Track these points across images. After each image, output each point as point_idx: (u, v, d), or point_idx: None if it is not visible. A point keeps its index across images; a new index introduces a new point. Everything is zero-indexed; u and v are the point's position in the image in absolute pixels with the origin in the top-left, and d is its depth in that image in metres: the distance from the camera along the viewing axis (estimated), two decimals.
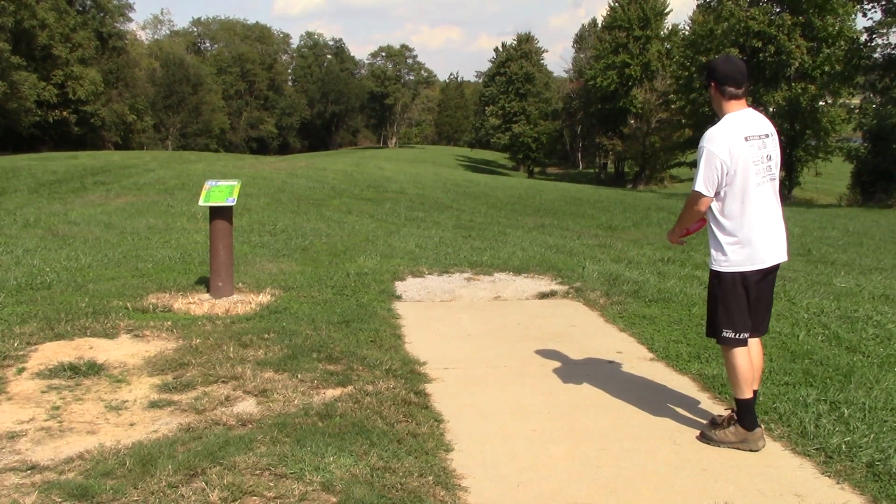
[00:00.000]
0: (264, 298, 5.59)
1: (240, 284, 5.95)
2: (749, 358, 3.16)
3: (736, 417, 3.20)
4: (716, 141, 2.97)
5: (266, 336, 4.56)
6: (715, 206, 3.07)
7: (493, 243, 8.84)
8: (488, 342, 4.82)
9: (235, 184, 5.70)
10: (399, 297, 5.92)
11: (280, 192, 13.76)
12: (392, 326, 4.98)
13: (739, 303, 3.10)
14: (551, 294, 6.18)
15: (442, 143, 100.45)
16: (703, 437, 3.30)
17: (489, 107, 63.07)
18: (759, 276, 3.11)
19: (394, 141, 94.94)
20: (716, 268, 3.14)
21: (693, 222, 3.17)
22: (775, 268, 3.19)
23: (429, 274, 6.84)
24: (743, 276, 3.07)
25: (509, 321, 5.34)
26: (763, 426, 3.41)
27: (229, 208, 5.59)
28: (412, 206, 13.00)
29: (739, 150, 2.96)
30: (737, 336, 3.13)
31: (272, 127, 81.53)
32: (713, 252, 3.15)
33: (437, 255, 7.75)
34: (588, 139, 55.72)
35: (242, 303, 5.44)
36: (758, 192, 3.04)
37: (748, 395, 3.16)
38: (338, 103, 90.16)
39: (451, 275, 6.84)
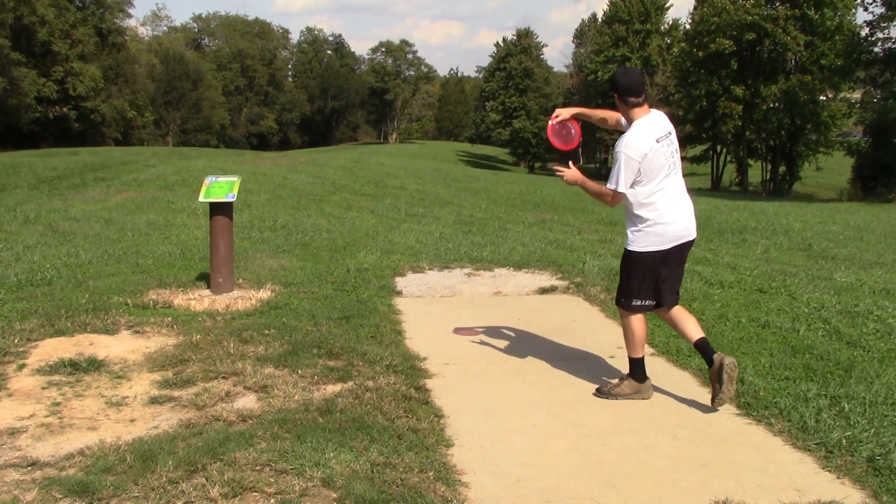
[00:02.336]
0: (265, 294, 5.59)
1: (240, 280, 5.95)
2: (644, 323, 3.69)
3: (630, 374, 3.71)
4: (633, 147, 3.39)
5: (266, 332, 4.56)
6: (632, 197, 3.45)
7: (493, 238, 8.83)
8: (488, 337, 4.81)
9: (235, 180, 5.69)
10: (399, 293, 5.92)
11: (280, 187, 13.75)
12: (392, 322, 4.98)
13: (649, 277, 3.55)
14: (551, 289, 6.18)
15: (442, 138, 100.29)
16: (600, 393, 3.75)
17: (489, 102, 63.00)
18: (668, 254, 3.54)
19: (394, 136, 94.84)
20: (631, 248, 3.55)
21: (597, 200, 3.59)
22: (687, 245, 3.61)
23: (429, 269, 6.83)
24: (652, 256, 3.51)
25: (510, 317, 5.33)
26: (765, 421, 3.41)
27: (229, 204, 5.59)
28: (412, 202, 12.99)
29: (654, 152, 3.40)
30: (643, 303, 3.61)
31: (272, 123, 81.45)
32: (630, 234, 3.55)
33: (437, 251, 7.74)
34: (588, 134, 55.61)
35: (243, 299, 5.44)
36: (667, 183, 3.46)
37: (640, 354, 3.69)
38: (338, 99, 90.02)
39: (451, 270, 6.84)
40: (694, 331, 3.63)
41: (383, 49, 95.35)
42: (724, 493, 2.80)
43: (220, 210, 5.54)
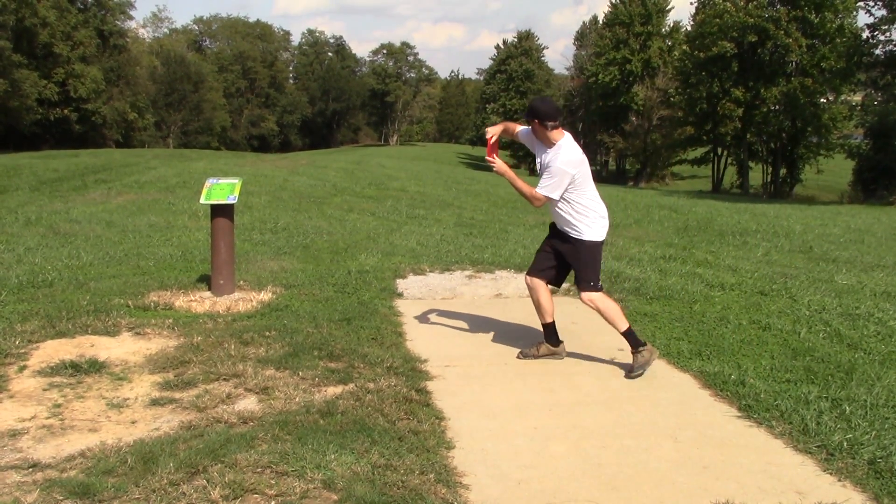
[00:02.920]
0: (265, 296, 5.59)
1: (241, 282, 5.96)
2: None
3: (632, 346, 4.15)
4: (571, 163, 4.02)
5: (267, 334, 4.56)
6: (574, 201, 4.11)
7: (494, 241, 8.83)
8: (489, 339, 4.81)
9: (237, 182, 5.70)
10: (400, 295, 5.92)
11: (281, 189, 13.76)
12: (393, 324, 4.98)
13: (600, 260, 4.26)
14: (552, 292, 6.17)
15: (443, 140, 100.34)
16: (523, 355, 4.42)
17: (490, 104, 63.04)
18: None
19: (395, 138, 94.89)
20: (588, 238, 4.16)
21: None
22: None
23: (430, 271, 6.84)
24: (600, 243, 4.22)
25: (511, 318, 5.33)
26: (766, 423, 3.42)
27: (230, 206, 5.59)
28: (413, 204, 13.00)
29: (584, 166, 4.08)
30: (600, 285, 4.26)
31: (273, 125, 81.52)
32: (581, 227, 4.15)
33: (438, 253, 7.74)
34: (589, 136, 55.56)
35: (244, 300, 5.45)
36: (593, 187, 4.20)
37: (628, 323, 4.20)
38: (339, 101, 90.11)
39: (452, 272, 6.84)
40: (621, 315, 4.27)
41: (384, 51, 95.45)
42: (724, 495, 2.80)
43: (221, 212, 5.55)
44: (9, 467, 2.89)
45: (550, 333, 4.43)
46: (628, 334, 4.17)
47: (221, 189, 5.59)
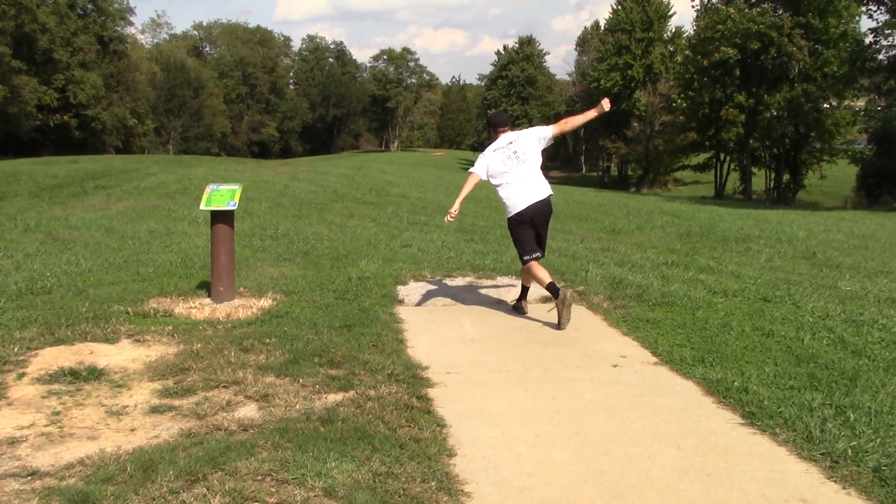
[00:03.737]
0: (266, 303, 5.60)
1: (241, 289, 5.96)
2: (541, 267, 5.41)
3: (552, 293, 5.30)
4: (484, 155, 5.47)
5: (267, 341, 4.57)
6: (493, 185, 5.42)
7: (495, 247, 8.85)
8: (491, 347, 4.82)
9: (237, 188, 5.71)
10: (401, 302, 5.93)
11: (282, 196, 13.78)
12: (394, 331, 4.98)
13: (524, 233, 5.32)
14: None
15: (444, 146, 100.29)
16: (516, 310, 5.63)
17: (491, 110, 63.17)
18: (525, 217, 5.32)
19: (396, 144, 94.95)
20: (507, 216, 5.38)
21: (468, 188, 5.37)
22: (539, 212, 5.35)
23: (431, 278, 6.85)
24: (516, 219, 5.32)
25: (512, 325, 5.34)
26: (770, 431, 3.42)
27: (231, 212, 5.61)
28: (414, 210, 13.02)
29: (491, 158, 5.39)
30: (532, 255, 5.35)
31: (274, 131, 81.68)
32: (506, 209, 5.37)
33: (439, 259, 7.75)
34: (591, 142, 55.73)
35: (244, 307, 5.45)
36: (509, 173, 5.33)
37: (550, 279, 5.35)
38: (339, 107, 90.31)
39: (453, 279, 6.85)
40: (546, 276, 5.34)
41: (385, 57, 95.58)
42: (728, 503, 2.79)
43: (221, 218, 5.56)
44: (8, 475, 2.90)
45: (551, 289, 5.37)
46: (550, 287, 5.29)
47: (221, 195, 5.60)
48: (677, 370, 4.36)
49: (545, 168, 5.67)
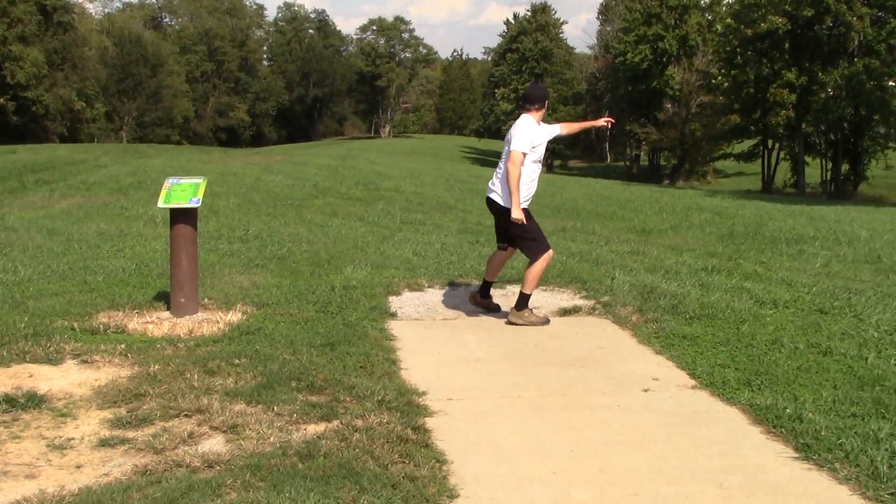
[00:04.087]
0: (234, 317, 5.60)
1: (206, 300, 5.96)
2: (495, 255, 6.33)
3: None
4: (529, 129, 5.83)
5: (236, 361, 4.56)
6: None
7: None
8: (500, 368, 4.81)
9: (201, 182, 5.72)
10: (394, 315, 5.93)
11: (253, 190, 13.81)
12: (385, 350, 4.98)
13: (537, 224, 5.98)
14: (574, 310, 6.19)
15: (444, 132, 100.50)
16: (513, 322, 5.85)
17: (499, 89, 63.19)
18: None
19: (387, 130, 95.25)
20: (516, 206, 5.76)
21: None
22: (492, 209, 6.12)
23: (429, 287, 6.86)
24: (527, 210, 5.89)
25: (524, 343, 5.33)
26: (828, 466, 3.40)
27: (193, 210, 5.61)
28: (409, 207, 13.03)
29: (538, 134, 5.85)
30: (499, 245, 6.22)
31: (244, 114, 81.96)
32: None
33: (438, 265, 7.76)
34: (617, 126, 55.77)
35: (209, 322, 5.45)
36: (541, 161, 5.97)
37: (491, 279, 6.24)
38: (321, 86, 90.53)
39: (455, 288, 6.86)
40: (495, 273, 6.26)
41: (374, 27, 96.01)
42: None
43: (182, 217, 5.56)
44: None
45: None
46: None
47: (183, 190, 5.60)
48: (719, 395, 4.35)
49: (563, 157, 5.91)
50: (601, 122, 6.62)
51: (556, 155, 57.83)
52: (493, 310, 6.17)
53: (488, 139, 78.31)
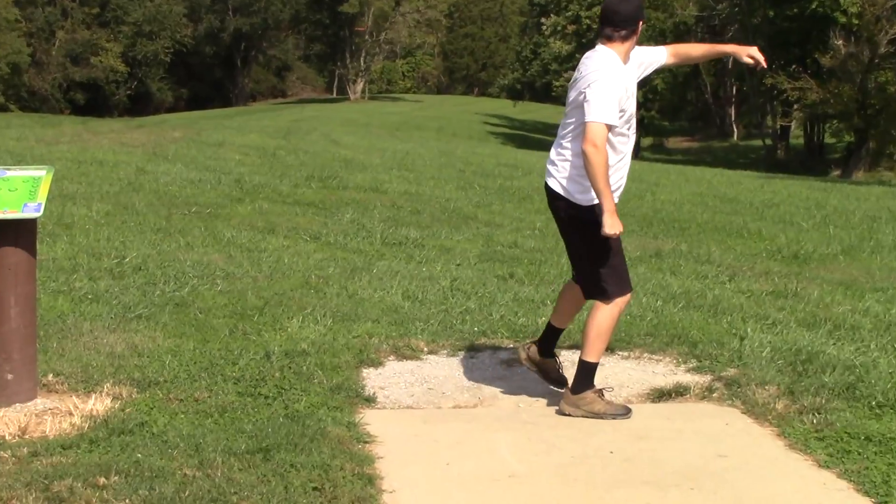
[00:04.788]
0: (100, 405, 5.58)
1: (50, 377, 5.96)
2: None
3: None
4: (611, 81, 5.70)
5: (102, 482, 4.55)
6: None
7: (557, 288, 8.84)
8: (550, 492, 4.80)
9: (42, 175, 5.72)
10: (371, 400, 5.94)
11: (133, 190, 13.85)
12: (357, 460, 4.97)
13: (620, 245, 5.92)
14: (677, 392, 6.19)
15: (455, 90, 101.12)
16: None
17: (548, 18, 63.49)
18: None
19: (359, 87, 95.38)
20: (587, 205, 5.72)
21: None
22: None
23: (430, 353, 6.89)
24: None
25: (592, 448, 5.34)
26: None
27: (30, 224, 5.60)
28: (397, 218, 13.05)
29: (624, 84, 5.76)
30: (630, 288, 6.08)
31: (116, 61, 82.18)
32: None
33: (446, 317, 7.80)
34: (750, 81, 55.77)
35: (55, 414, 5.43)
36: (632, 125, 5.99)
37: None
38: (247, 13, 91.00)
39: (474, 354, 6.90)
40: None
41: None
42: None
43: (8, 235, 5.56)
44: None
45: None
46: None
47: (11, 190, 5.61)
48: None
49: (658, 131, 5.85)
50: (746, 51, 6.18)
51: (646, 128, 57.80)
52: (555, 381, 6.18)
53: (531, 102, 78.70)
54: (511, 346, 7.02)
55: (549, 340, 6.14)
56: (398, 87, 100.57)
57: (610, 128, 5.51)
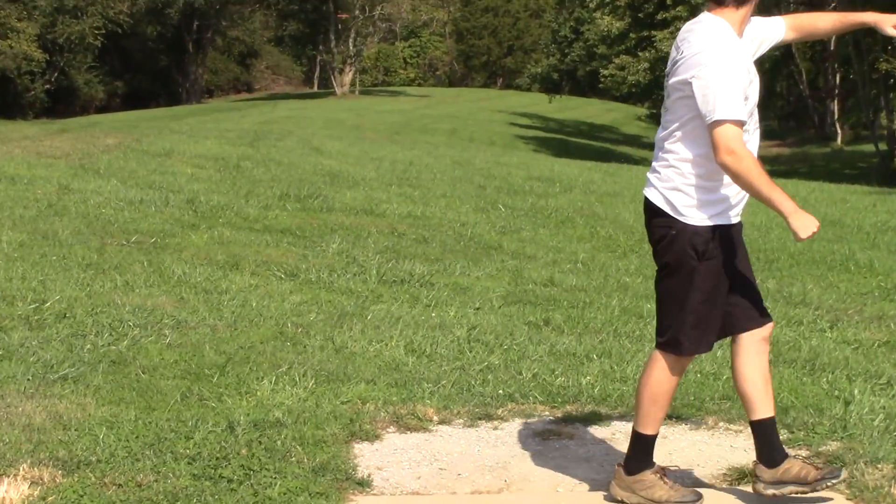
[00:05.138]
0: (14, 492, 5.62)
1: None
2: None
3: None
4: (731, 63, 5.62)
5: None
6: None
7: (605, 339, 8.89)
8: None
9: None
10: (365, 485, 5.97)
11: (54, 213, 13.88)
12: None
13: (720, 280, 5.81)
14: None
15: (472, 81, 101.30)
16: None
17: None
18: (737, 236, 5.97)
19: (348, 77, 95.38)
20: (689, 223, 5.69)
21: None
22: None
23: (441, 423, 6.92)
24: (723, 234, 5.78)
25: None
26: None
27: None
28: (397, 248, 13.07)
29: (746, 66, 5.72)
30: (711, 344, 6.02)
31: (30, 46, 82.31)
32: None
33: (462, 375, 7.83)
34: (859, 67, 55.76)
35: None
36: (754, 117, 5.89)
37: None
38: None
39: (499, 424, 6.93)
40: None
41: None
42: None
43: None
44: None
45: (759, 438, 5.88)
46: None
47: None
48: None
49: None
50: (892, 19, 5.94)
51: None
52: (817, 481, 5.65)
53: (572, 96, 78.67)
54: (546, 413, 7.03)
55: (765, 443, 5.79)
56: (398, 78, 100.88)
57: (741, 123, 5.43)
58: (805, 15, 6.28)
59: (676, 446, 6.51)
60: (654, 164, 5.84)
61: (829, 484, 5.57)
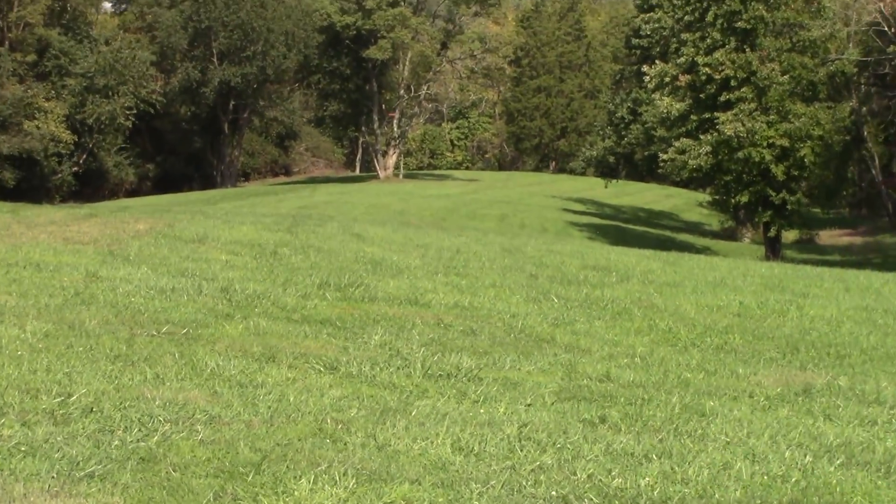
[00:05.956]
0: None
1: None
2: None
3: None
4: None
5: None
6: None
7: (666, 437, 8.86)
8: None
9: None
10: None
11: (81, 302, 13.94)
12: None
13: None
14: None
15: (523, 165, 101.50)
16: None
17: (652, 66, 63.73)
18: None
19: (391, 160, 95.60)
20: None
21: None
22: None
23: None
24: None
25: None
26: None
27: None
28: (445, 340, 13.07)
29: None
30: None
31: (58, 127, 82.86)
32: None
33: (512, 475, 7.79)
34: None
35: None
36: None
37: None
38: (238, 60, 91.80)
39: None
40: None
41: None
42: None
43: None
44: None
45: None
46: None
47: None
48: None
49: (806, 222, 5.76)
50: None
51: (789, 217, 57.27)
52: None
53: (629, 181, 78.71)
54: None
55: None
56: (445, 161, 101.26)
57: None
58: None
59: None
60: None
61: None
